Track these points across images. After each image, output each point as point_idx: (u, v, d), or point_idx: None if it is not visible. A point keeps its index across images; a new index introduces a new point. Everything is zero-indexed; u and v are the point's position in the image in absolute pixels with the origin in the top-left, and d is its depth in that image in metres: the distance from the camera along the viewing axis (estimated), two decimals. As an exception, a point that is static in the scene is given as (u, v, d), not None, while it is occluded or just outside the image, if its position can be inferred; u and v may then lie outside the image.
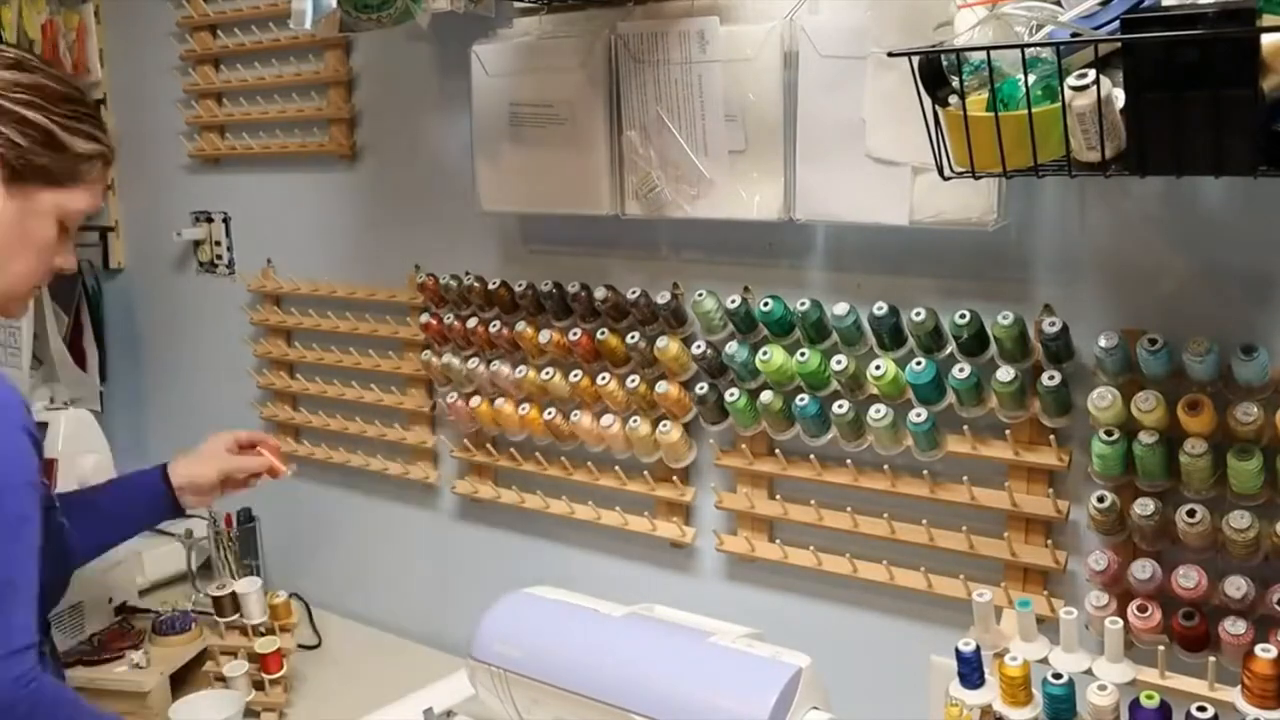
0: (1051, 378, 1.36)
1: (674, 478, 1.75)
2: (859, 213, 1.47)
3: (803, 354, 1.55)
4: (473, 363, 1.93)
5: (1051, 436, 1.42)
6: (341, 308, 2.15)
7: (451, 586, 2.13)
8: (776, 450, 1.62)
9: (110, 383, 2.65)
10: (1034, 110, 1.04)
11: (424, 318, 1.98)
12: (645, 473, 1.76)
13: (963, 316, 1.41)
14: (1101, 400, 1.31)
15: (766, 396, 1.58)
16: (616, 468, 1.78)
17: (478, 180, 1.83)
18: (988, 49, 1.06)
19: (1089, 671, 1.28)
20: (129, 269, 2.65)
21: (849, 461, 1.56)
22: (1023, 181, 1.33)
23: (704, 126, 1.57)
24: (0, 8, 2.41)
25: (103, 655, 1.90)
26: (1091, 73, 0.99)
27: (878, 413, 1.49)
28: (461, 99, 1.84)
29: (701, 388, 1.66)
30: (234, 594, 1.91)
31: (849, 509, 1.58)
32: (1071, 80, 1.00)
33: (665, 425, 1.70)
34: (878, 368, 1.48)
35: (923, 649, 1.45)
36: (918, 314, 1.44)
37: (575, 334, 1.76)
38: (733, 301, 1.60)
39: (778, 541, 1.68)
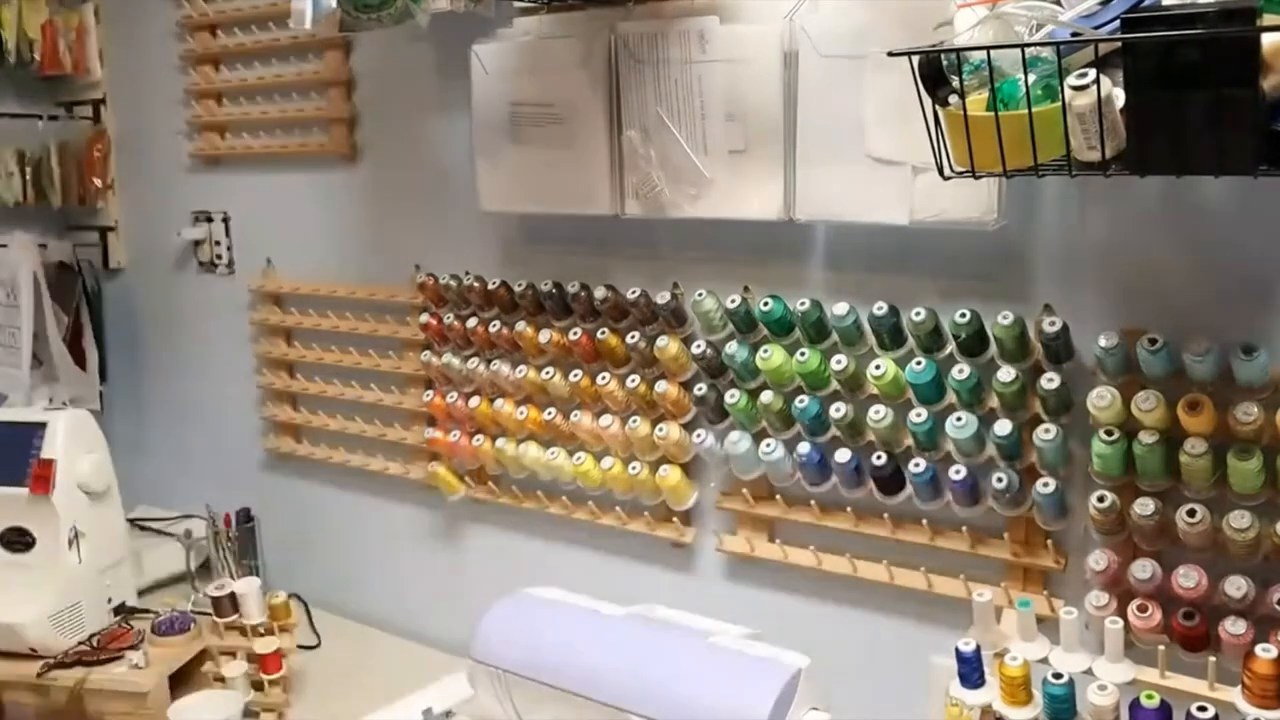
0: (1051, 379, 1.36)
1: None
2: (859, 213, 1.47)
3: (803, 354, 1.54)
4: (473, 363, 1.93)
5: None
6: (341, 307, 2.15)
7: (451, 586, 2.13)
8: (776, 450, 1.62)
9: (110, 383, 2.65)
10: (1034, 110, 1.04)
11: (424, 318, 1.98)
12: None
13: (963, 316, 1.41)
14: (1101, 400, 1.31)
15: (766, 396, 1.58)
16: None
17: (478, 180, 1.83)
18: (988, 49, 1.06)
19: (1089, 671, 1.28)
20: (129, 269, 2.65)
21: (849, 461, 1.55)
22: (1023, 181, 1.33)
23: (704, 126, 1.57)
24: (0, 7, 2.41)
25: (102, 655, 1.90)
26: (1092, 72, 0.99)
27: (877, 413, 1.49)
28: (461, 99, 1.84)
29: (701, 388, 1.66)
30: (233, 594, 1.91)
31: (849, 509, 1.58)
32: (1071, 80, 1.00)
33: (661, 429, 1.70)
34: (878, 368, 1.48)
35: (923, 649, 1.45)
36: (918, 314, 1.44)
37: (575, 334, 1.76)
38: (733, 301, 1.60)
39: (778, 541, 1.68)
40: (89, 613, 1.98)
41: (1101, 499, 1.33)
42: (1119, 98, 1.01)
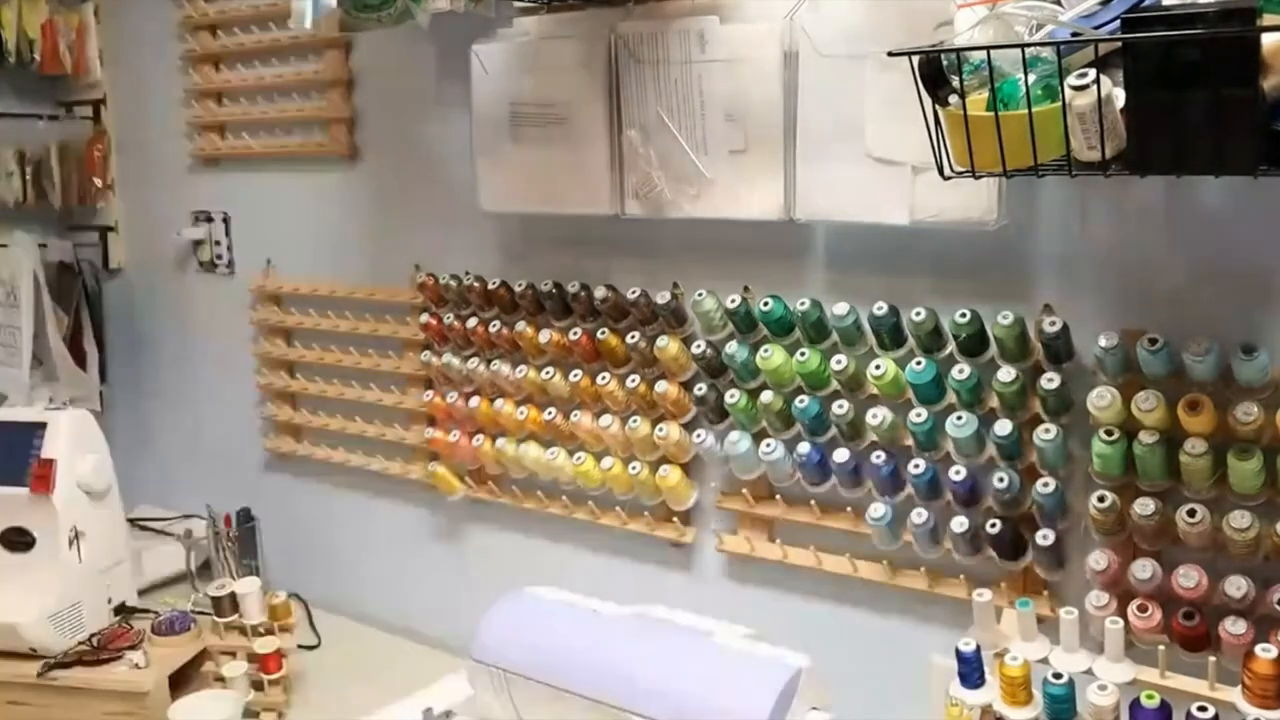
0: (1051, 379, 1.36)
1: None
2: (859, 213, 1.47)
3: (803, 354, 1.54)
4: (473, 363, 1.93)
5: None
6: (341, 307, 2.15)
7: (451, 586, 2.13)
8: (776, 450, 1.62)
9: (110, 383, 2.65)
10: (1034, 110, 1.04)
11: (424, 318, 1.98)
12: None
13: (963, 316, 1.41)
14: (1101, 400, 1.31)
15: (766, 396, 1.58)
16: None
17: (478, 180, 1.83)
18: (988, 48, 1.06)
19: (1089, 671, 1.28)
20: (129, 269, 2.65)
21: (849, 461, 1.55)
22: (1023, 181, 1.33)
23: (704, 126, 1.57)
24: (0, 8, 2.41)
25: (102, 655, 1.90)
26: (1092, 72, 0.99)
27: (874, 416, 1.49)
28: (461, 99, 1.84)
29: (701, 388, 1.66)
30: (233, 594, 1.91)
31: (849, 509, 1.58)
32: (1072, 80, 1.00)
33: (661, 429, 1.70)
34: (878, 368, 1.47)
35: (923, 649, 1.45)
36: (918, 314, 1.44)
37: (575, 334, 1.76)
38: (733, 301, 1.60)
39: (778, 541, 1.68)
40: (89, 613, 1.98)
41: (1102, 499, 1.33)
42: (1119, 98, 1.01)
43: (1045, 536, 1.40)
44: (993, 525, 1.43)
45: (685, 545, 1.79)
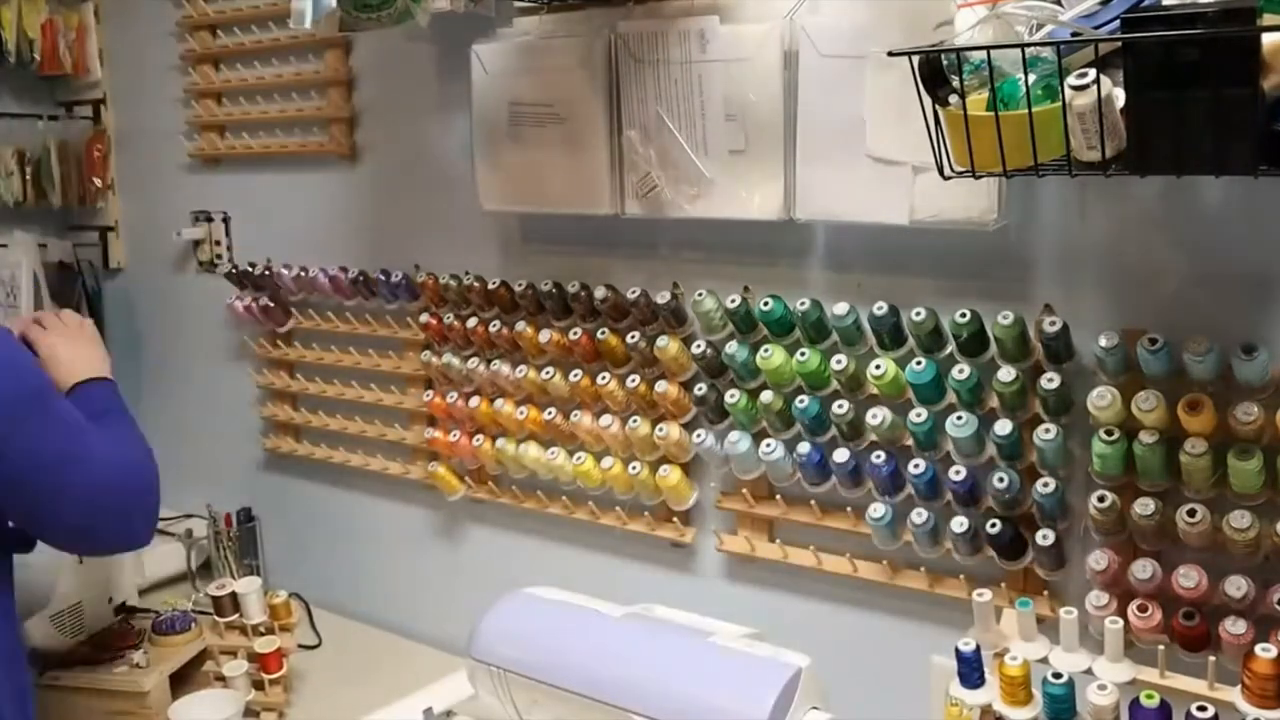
0: (1051, 379, 1.36)
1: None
2: (859, 213, 1.47)
3: (803, 354, 1.54)
4: (473, 363, 1.93)
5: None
6: (341, 308, 2.15)
7: (451, 586, 2.13)
8: (776, 450, 1.62)
9: (110, 383, 2.65)
10: (1034, 110, 1.04)
11: (424, 317, 1.98)
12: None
13: (963, 316, 1.41)
14: (1101, 400, 1.31)
15: (766, 396, 1.58)
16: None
17: (478, 180, 1.83)
18: (988, 48, 1.06)
19: (1089, 671, 1.28)
20: (129, 269, 2.65)
21: (849, 461, 1.55)
22: (1023, 181, 1.33)
23: (704, 126, 1.57)
24: (0, 7, 2.41)
25: (103, 655, 1.90)
26: (1092, 72, 0.99)
27: (874, 417, 1.49)
28: (461, 99, 1.84)
29: (701, 388, 1.66)
30: (234, 594, 1.91)
31: (849, 509, 1.58)
32: (1072, 80, 1.00)
33: (661, 429, 1.70)
34: (878, 368, 1.48)
35: (923, 649, 1.45)
36: (918, 314, 1.44)
37: (575, 334, 1.76)
38: (733, 301, 1.60)
39: (778, 541, 1.68)
40: (89, 613, 1.98)
41: (1101, 499, 1.33)
42: (1119, 98, 1.01)
43: (1045, 536, 1.40)
44: (993, 525, 1.43)
45: (685, 545, 1.79)
